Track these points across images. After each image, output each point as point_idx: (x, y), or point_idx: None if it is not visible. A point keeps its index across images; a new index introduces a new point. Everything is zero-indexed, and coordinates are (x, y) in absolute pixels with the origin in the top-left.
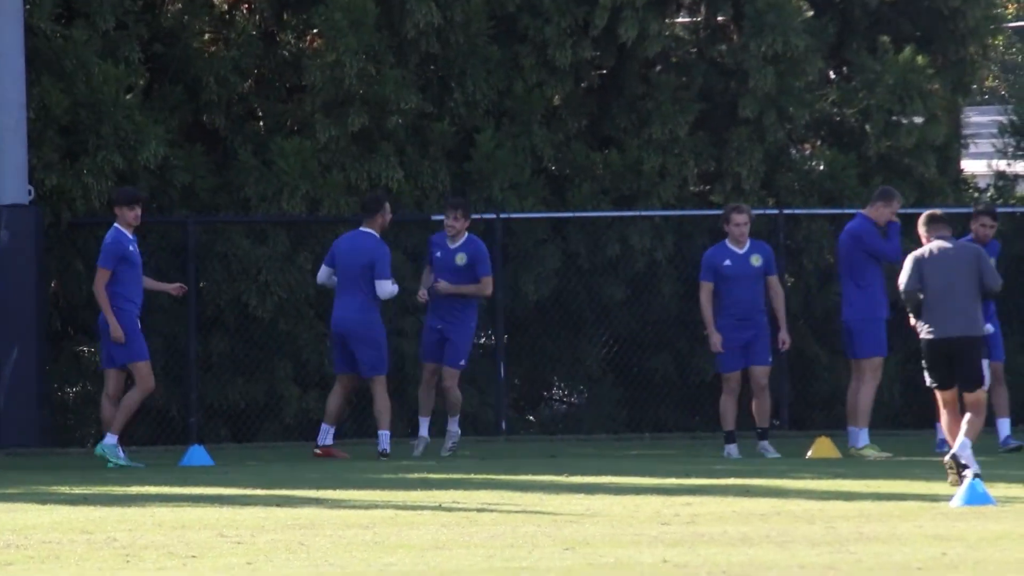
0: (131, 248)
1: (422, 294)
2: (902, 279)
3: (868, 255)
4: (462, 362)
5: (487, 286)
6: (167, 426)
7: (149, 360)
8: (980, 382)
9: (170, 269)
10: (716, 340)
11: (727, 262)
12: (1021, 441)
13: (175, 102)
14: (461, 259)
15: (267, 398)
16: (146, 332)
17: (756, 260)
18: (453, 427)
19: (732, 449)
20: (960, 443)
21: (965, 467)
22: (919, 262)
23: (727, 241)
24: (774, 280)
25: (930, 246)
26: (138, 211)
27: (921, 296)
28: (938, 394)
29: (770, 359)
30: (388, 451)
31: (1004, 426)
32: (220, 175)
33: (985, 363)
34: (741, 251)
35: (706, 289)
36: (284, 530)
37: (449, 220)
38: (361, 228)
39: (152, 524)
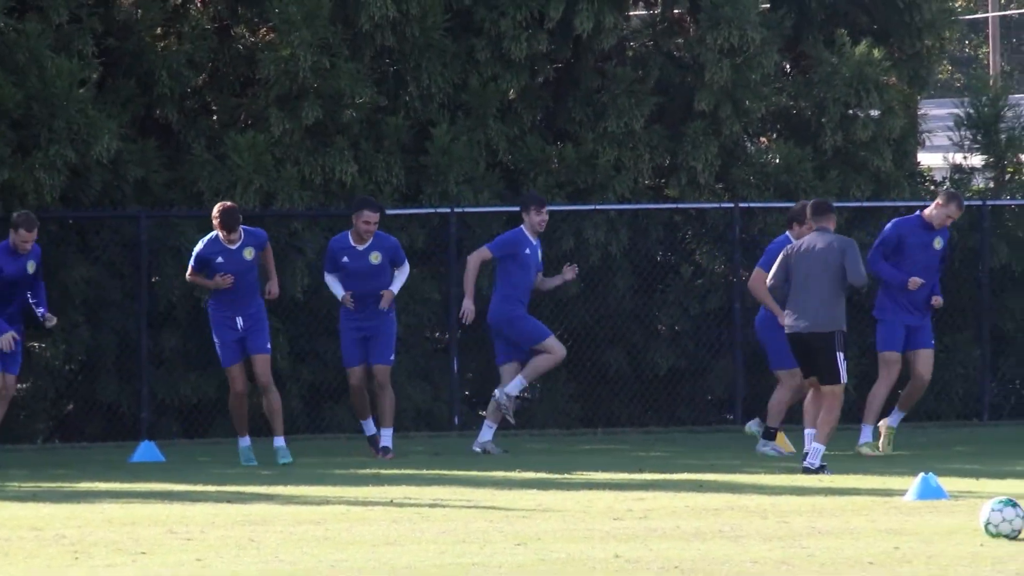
0: (219, 260)
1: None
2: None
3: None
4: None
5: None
6: (117, 422)
7: (236, 363)
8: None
9: (123, 263)
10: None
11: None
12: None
13: (128, 96)
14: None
15: (219, 393)
16: (97, 326)
17: None
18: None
19: None
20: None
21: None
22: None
23: (789, 235)
24: None
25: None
26: (232, 236)
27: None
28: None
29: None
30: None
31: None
32: (173, 169)
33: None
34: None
35: (762, 276)
36: (234, 526)
37: (543, 216)
38: None
39: (102, 520)
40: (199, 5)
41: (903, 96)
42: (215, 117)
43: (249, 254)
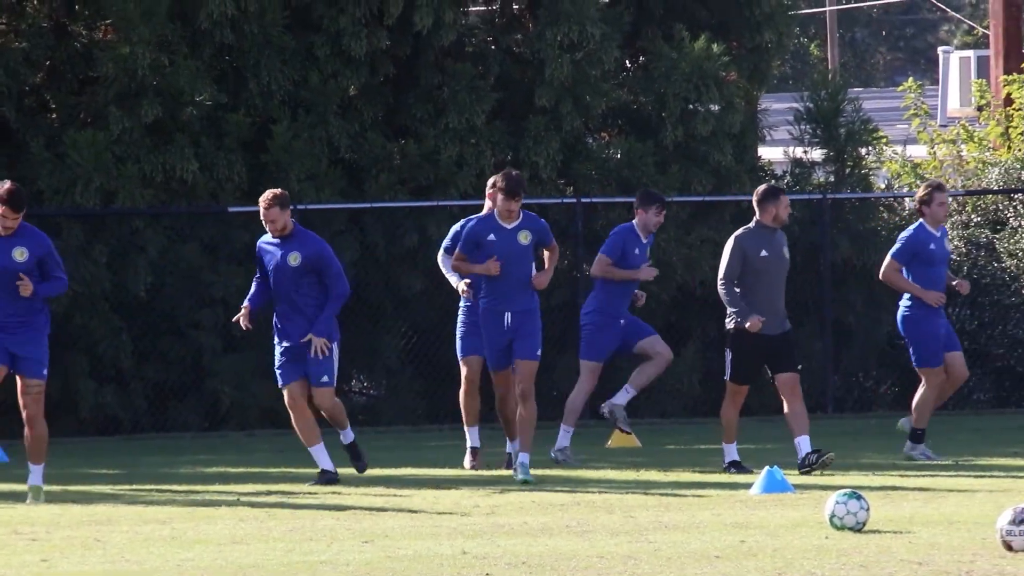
0: (490, 237)
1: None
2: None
3: None
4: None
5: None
6: None
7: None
8: None
9: None
10: (935, 296)
11: (932, 246)
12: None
13: None
14: (525, 237)
15: (61, 393)
16: None
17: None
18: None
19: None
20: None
21: None
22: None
23: (925, 223)
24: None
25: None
26: (511, 205)
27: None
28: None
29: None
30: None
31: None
32: (12, 168)
33: None
34: (939, 234)
35: (897, 268)
36: (80, 526)
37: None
38: None
39: None
40: (35, 3)
41: (743, 91)
42: (54, 115)
43: (525, 238)
